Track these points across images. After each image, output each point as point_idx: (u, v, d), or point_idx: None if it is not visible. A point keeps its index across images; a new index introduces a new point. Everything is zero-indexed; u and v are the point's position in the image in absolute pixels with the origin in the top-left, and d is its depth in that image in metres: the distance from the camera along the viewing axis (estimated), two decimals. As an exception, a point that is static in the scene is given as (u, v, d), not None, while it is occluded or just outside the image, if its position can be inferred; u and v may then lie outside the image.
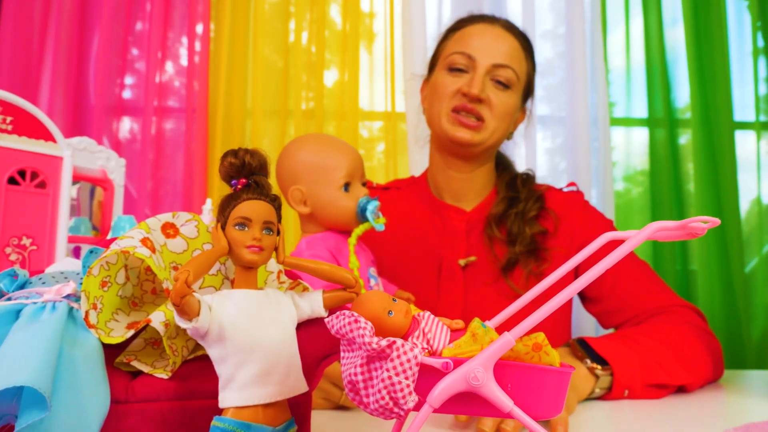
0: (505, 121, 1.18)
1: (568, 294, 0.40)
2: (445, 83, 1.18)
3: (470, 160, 1.22)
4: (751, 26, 2.13)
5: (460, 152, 1.20)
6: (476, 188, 1.26)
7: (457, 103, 1.15)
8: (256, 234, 0.52)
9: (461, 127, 1.16)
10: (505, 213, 1.21)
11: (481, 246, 1.21)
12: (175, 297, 0.46)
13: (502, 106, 1.16)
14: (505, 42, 1.18)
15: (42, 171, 0.88)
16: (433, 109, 1.20)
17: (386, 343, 0.39)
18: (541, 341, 0.41)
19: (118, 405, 0.53)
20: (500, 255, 1.19)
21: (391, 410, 0.39)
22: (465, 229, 1.23)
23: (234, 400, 0.50)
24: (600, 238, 0.47)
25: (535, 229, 1.19)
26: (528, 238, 1.17)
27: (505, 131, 1.20)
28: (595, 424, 0.84)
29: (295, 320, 0.55)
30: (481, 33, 1.19)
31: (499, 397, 0.39)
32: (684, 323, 1.09)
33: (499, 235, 1.20)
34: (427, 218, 1.26)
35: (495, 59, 1.15)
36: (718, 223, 0.39)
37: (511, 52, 1.17)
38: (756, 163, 2.13)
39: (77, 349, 0.52)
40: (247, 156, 0.55)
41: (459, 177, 1.24)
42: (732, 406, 0.98)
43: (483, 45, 1.17)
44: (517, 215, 1.20)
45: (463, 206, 1.25)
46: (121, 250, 0.53)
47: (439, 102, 1.18)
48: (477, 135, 1.16)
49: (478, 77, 1.14)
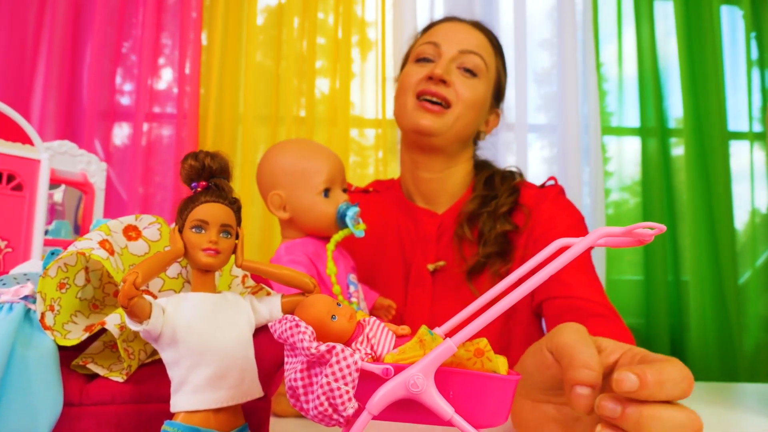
0: (473, 111, 1.14)
1: (513, 299, 0.39)
2: (412, 72, 1.15)
3: (436, 154, 1.17)
4: (745, 36, 2.13)
5: (425, 145, 1.15)
6: (449, 190, 1.21)
7: (422, 88, 1.12)
8: (212, 237, 0.52)
9: (424, 113, 1.11)
10: (478, 211, 1.15)
11: (451, 250, 1.16)
12: (122, 299, 0.45)
13: (469, 92, 1.12)
14: (473, 34, 1.17)
15: (18, 174, 0.88)
16: (399, 101, 1.17)
17: (325, 348, 0.39)
18: (483, 347, 0.40)
19: (71, 408, 0.53)
20: (469, 257, 1.14)
21: (330, 417, 0.39)
22: (436, 232, 1.18)
23: (185, 404, 0.49)
24: (552, 244, 0.46)
25: (505, 225, 1.12)
26: (496, 237, 1.11)
27: (471, 122, 1.15)
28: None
29: (253, 324, 0.55)
30: (449, 27, 1.18)
31: (440, 405, 0.39)
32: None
33: (469, 235, 1.14)
34: (400, 223, 1.22)
35: (462, 46, 1.14)
36: (664, 229, 0.39)
37: (479, 43, 1.16)
38: (749, 173, 2.12)
39: (31, 350, 0.52)
40: (207, 159, 0.54)
41: (428, 177, 1.20)
42: (723, 418, 0.96)
43: (450, 34, 1.16)
44: (489, 214, 1.14)
45: (435, 209, 1.21)
46: (78, 252, 0.53)
47: (404, 93, 1.15)
48: (439, 120, 1.11)
49: (443, 61, 1.12)
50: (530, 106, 2.17)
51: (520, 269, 0.48)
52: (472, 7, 2.06)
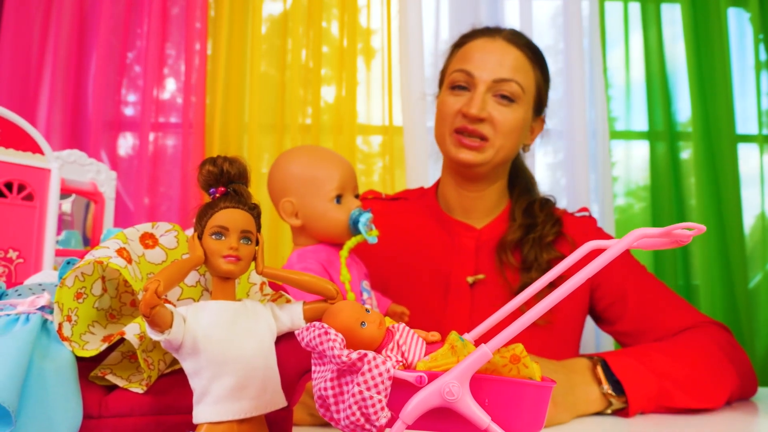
0: (512, 137, 1.14)
1: (547, 305, 0.38)
2: (447, 103, 1.15)
3: (478, 180, 1.19)
4: (753, 39, 2.11)
5: (467, 173, 1.17)
6: (488, 206, 1.22)
7: (458, 124, 1.12)
8: (232, 243, 0.51)
9: (463, 149, 1.12)
10: (522, 239, 1.17)
11: (491, 266, 1.17)
12: (144, 308, 0.44)
13: (507, 123, 1.12)
14: (507, 55, 1.13)
15: (29, 183, 0.87)
16: (438, 131, 1.18)
17: (357, 355, 0.38)
18: (519, 353, 0.39)
19: (90, 420, 0.52)
20: (511, 280, 1.15)
21: (362, 427, 0.38)
22: (474, 246, 1.19)
23: (208, 416, 0.48)
24: (582, 247, 0.45)
25: (552, 254, 1.15)
26: (544, 264, 1.14)
27: (513, 147, 1.16)
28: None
29: (275, 333, 0.54)
30: (482, 48, 1.15)
31: (476, 413, 0.38)
32: (710, 341, 1.05)
33: (512, 261, 1.16)
34: (435, 233, 1.23)
35: (496, 74, 1.11)
36: (704, 229, 0.38)
37: (515, 64, 1.13)
38: (759, 177, 2.10)
39: (48, 362, 0.51)
40: (225, 164, 0.54)
41: (470, 195, 1.21)
42: (736, 424, 0.95)
43: (483, 61, 1.13)
44: (535, 241, 1.16)
45: (473, 223, 1.22)
46: (95, 260, 0.52)
47: (442, 123, 1.16)
48: (480, 155, 1.12)
49: (478, 96, 1.10)
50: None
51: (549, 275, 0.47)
52: (477, 14, 2.06)
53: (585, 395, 0.93)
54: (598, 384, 0.95)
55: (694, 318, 1.12)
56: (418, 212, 1.27)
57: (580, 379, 0.94)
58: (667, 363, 0.99)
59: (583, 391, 0.93)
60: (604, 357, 0.98)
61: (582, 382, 0.94)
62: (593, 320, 1.24)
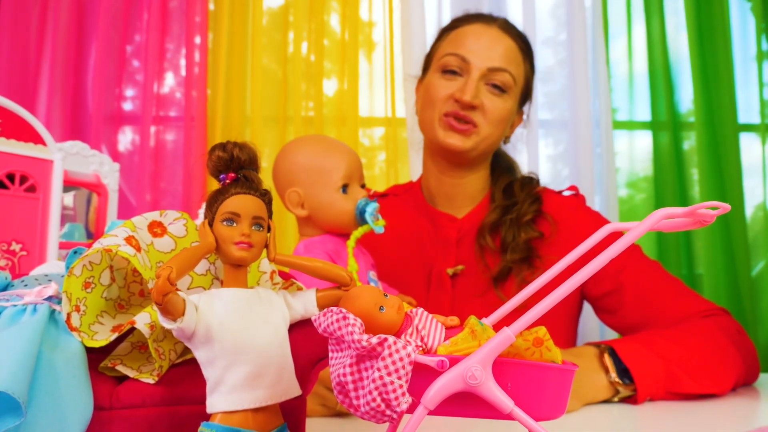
0: (500, 127, 1.13)
1: (569, 288, 0.37)
2: (438, 87, 1.13)
3: (462, 165, 1.18)
4: (756, 29, 2.11)
5: (452, 158, 1.16)
6: (469, 194, 1.21)
7: (449, 109, 1.11)
8: (244, 230, 0.50)
9: (453, 133, 1.11)
10: (499, 220, 1.16)
11: (471, 255, 1.16)
12: (156, 295, 0.43)
13: (497, 112, 1.11)
14: (501, 44, 1.12)
15: (31, 175, 0.86)
16: (425, 114, 1.16)
17: (377, 340, 0.37)
18: (542, 336, 0.38)
19: (102, 411, 0.51)
20: (492, 265, 1.14)
21: (383, 413, 0.37)
22: (456, 237, 1.18)
23: (222, 405, 0.47)
24: (601, 230, 0.44)
25: (530, 233, 1.13)
26: (522, 244, 1.12)
27: (498, 137, 1.15)
28: (609, 423, 0.82)
29: (288, 321, 0.53)
30: (477, 34, 1.13)
31: (499, 397, 0.37)
32: (716, 328, 1.04)
33: (491, 245, 1.15)
34: (420, 225, 1.22)
35: (490, 62, 1.10)
36: (729, 208, 0.37)
37: (508, 54, 1.12)
38: (762, 166, 2.10)
39: (58, 353, 0.50)
40: (235, 149, 0.52)
41: (451, 182, 1.20)
42: (741, 410, 0.95)
43: (478, 47, 1.11)
44: (512, 222, 1.14)
45: (456, 213, 1.21)
46: (104, 249, 0.51)
47: (431, 107, 1.14)
48: (468, 141, 1.11)
49: (472, 82, 1.09)
50: (535, 103, 2.14)
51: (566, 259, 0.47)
52: (479, 4, 2.04)
53: (592, 383, 0.93)
54: (605, 372, 0.94)
55: (698, 305, 1.11)
56: (405, 207, 1.26)
57: (587, 367, 0.94)
58: (673, 349, 0.98)
59: (591, 379, 0.93)
60: (611, 344, 0.98)
61: (589, 369, 0.94)
62: (593, 310, 1.22)
